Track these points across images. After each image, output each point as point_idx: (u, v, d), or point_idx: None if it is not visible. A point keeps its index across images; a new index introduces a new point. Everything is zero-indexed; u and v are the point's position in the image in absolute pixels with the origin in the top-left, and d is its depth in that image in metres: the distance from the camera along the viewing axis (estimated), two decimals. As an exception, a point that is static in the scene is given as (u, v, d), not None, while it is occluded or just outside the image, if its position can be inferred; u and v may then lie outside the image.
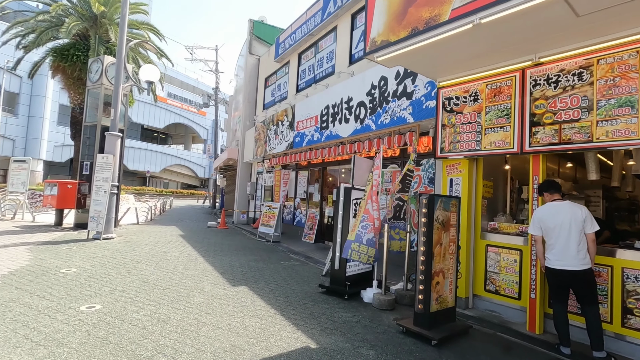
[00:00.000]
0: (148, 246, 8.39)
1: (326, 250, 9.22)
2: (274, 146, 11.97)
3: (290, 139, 10.78)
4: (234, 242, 10.03)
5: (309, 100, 10.03)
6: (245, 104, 16.49)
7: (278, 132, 11.71)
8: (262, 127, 13.40)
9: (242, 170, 16.32)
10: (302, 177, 11.78)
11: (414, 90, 6.39)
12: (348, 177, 8.86)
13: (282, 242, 10.49)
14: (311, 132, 9.66)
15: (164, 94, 48.11)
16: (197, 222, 15.72)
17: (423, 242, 4.02)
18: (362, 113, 7.70)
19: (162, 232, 11.08)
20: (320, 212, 10.62)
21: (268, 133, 12.57)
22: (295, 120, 10.58)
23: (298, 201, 11.95)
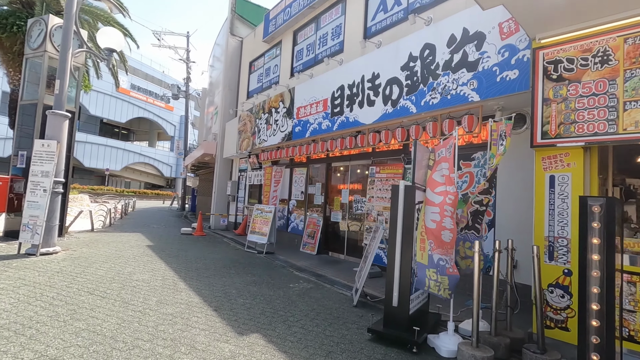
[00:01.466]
0: (105, 264, 6.24)
1: (334, 264, 7.45)
2: (265, 138, 10.06)
3: (288, 128, 8.94)
4: (219, 255, 8.01)
5: (314, 82, 8.25)
6: (225, 91, 14.39)
7: (271, 121, 9.81)
8: (248, 116, 11.43)
9: (220, 167, 14.19)
10: (299, 175, 9.95)
11: (479, 59, 4.80)
12: (359, 175, 7.15)
13: (278, 254, 8.61)
14: (318, 119, 7.88)
15: (127, 85, 44.31)
16: (167, 227, 13.40)
17: (596, 265, 2.40)
18: (394, 93, 6.04)
19: (125, 242, 8.83)
20: (324, 217, 8.84)
21: (257, 123, 10.63)
22: (295, 106, 8.75)
23: (293, 204, 10.10)
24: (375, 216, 7.19)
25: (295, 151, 8.96)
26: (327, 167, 8.95)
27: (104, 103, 41.91)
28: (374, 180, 7.33)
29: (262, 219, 8.99)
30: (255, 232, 9.01)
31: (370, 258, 4.99)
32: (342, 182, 8.65)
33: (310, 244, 8.93)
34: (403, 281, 3.70)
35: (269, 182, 10.40)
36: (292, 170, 10.33)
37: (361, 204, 7.80)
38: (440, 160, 4.12)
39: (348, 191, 8.24)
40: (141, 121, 51.10)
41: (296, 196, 9.97)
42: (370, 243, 5.20)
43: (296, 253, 8.90)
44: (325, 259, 8.27)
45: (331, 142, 7.77)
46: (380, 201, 7.13)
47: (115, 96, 42.94)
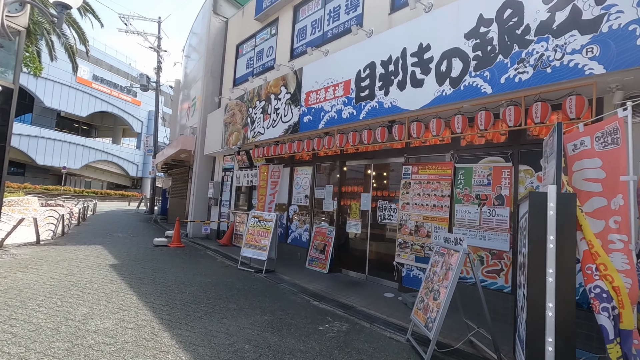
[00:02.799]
0: (48, 301, 4.33)
1: (355, 287, 5.89)
2: (261, 130, 8.33)
3: (294, 118, 7.29)
4: (208, 277, 6.22)
5: (331, 60, 6.66)
6: (207, 78, 12.47)
7: (269, 109, 8.11)
8: (238, 105, 9.64)
9: (200, 166, 12.24)
10: (303, 175, 8.31)
11: (602, 15, 3.43)
12: (387, 177, 5.62)
13: (280, 272, 6.95)
14: (336, 106, 6.30)
15: (88, 75, 40.62)
16: (135, 235, 11.28)
17: None
18: (456, 69, 4.58)
19: (81, 260, 6.81)
20: (337, 227, 7.26)
21: (250, 113, 8.88)
22: (303, 90, 7.13)
23: (294, 210, 8.44)
24: (413, 228, 5.71)
25: (302, 146, 7.33)
26: (341, 166, 7.38)
27: (61, 94, 38.00)
28: (410, 183, 5.86)
29: (260, 230, 7.27)
30: (251, 245, 7.28)
31: (447, 296, 3.47)
32: (361, 185, 7.12)
33: (319, 259, 7.32)
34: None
35: (264, 184, 8.68)
36: (292, 169, 8.67)
37: (389, 212, 6.29)
38: (580, 156, 2.68)
39: (370, 196, 6.71)
40: (104, 116, 47.18)
41: (298, 201, 8.32)
42: (443, 272, 3.70)
43: (301, 270, 7.27)
44: (340, 279, 6.70)
45: (354, 135, 6.22)
46: (420, 209, 5.65)
47: (75, 87, 39.14)
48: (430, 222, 5.51)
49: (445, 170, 5.44)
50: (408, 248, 5.75)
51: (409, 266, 5.78)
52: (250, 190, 10.10)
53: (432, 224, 5.50)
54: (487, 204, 4.91)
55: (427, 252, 5.48)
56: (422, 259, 5.55)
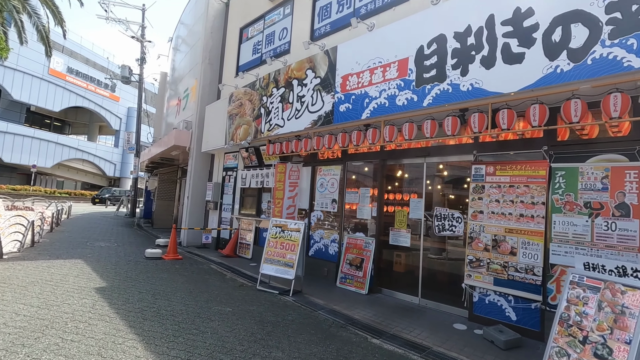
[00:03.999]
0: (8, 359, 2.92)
1: (412, 315, 4.68)
2: (279, 122, 7.03)
3: (325, 107, 6.05)
4: (227, 306, 4.85)
5: (377, 36, 5.46)
6: (204, 66, 11.03)
7: (290, 97, 6.83)
8: (247, 94, 8.30)
9: (197, 164, 10.78)
10: (329, 176, 7.06)
11: None
12: (446, 178, 4.45)
13: (307, 293, 5.69)
14: (387, 90, 5.11)
15: (62, 68, 37.91)
16: (120, 244, 9.70)
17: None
18: (576, 37, 3.49)
19: (57, 282, 5.32)
20: (377, 238, 6.06)
21: (265, 102, 7.56)
22: (338, 74, 5.90)
23: (318, 216, 7.18)
24: (490, 242, 4.58)
25: (336, 141, 6.10)
26: (382, 165, 6.17)
27: (31, 87, 35.16)
28: (484, 187, 4.73)
29: (284, 242, 5.97)
30: (272, 260, 5.97)
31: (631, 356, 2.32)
32: (410, 188, 5.95)
33: (354, 277, 6.09)
34: None
35: (281, 186, 7.38)
36: (314, 169, 7.42)
37: (451, 222, 5.14)
38: None
39: (423, 202, 5.55)
40: (79, 111, 44.27)
41: (323, 206, 7.07)
42: (609, 318, 2.55)
43: (332, 290, 6.04)
44: (386, 302, 5.49)
45: (410, 126, 5.05)
46: (500, 219, 4.53)
47: (47, 80, 36.38)
48: (516, 235, 4.39)
49: (536, 171, 4.33)
50: (483, 267, 4.62)
51: (484, 290, 4.64)
52: (260, 192, 8.76)
53: (518, 238, 4.38)
54: (603, 215, 3.82)
55: (513, 273, 4.36)
56: (504, 283, 4.42)
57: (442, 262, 5.42)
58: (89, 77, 41.22)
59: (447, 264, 5.32)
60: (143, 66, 22.79)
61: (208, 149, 10.12)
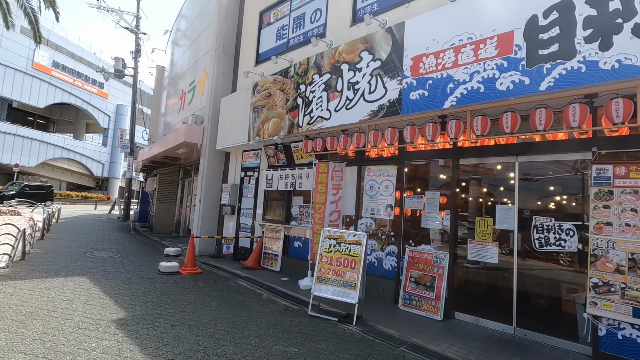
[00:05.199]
0: None
1: (513, 348, 3.68)
2: (324, 114, 5.98)
3: (388, 95, 5.05)
4: (291, 345, 3.77)
5: (461, 7, 4.48)
6: (217, 54, 9.89)
7: (339, 85, 5.79)
8: (277, 82, 7.22)
9: (210, 164, 9.63)
10: (381, 177, 6.04)
11: None
12: (548, 182, 3.57)
13: (368, 318, 4.66)
14: (482, 72, 4.14)
15: (48, 62, 35.97)
16: (124, 254, 8.47)
17: None
18: None
19: (62, 312, 4.16)
20: (452, 252, 5.08)
21: (304, 91, 6.49)
22: (407, 55, 4.90)
23: (368, 224, 6.16)
24: (625, 262, 3.64)
25: (403, 135, 5.10)
26: (455, 165, 5.19)
27: (14, 81, 33.14)
28: (612, 193, 3.79)
29: (342, 257, 4.93)
30: (327, 280, 4.92)
31: None
32: (494, 192, 4.99)
33: (423, 298, 5.09)
34: None
35: (323, 189, 6.33)
36: (360, 169, 6.40)
37: (559, 235, 4.19)
38: None
39: (515, 209, 4.59)
40: (64, 108, 42.25)
41: (375, 212, 6.05)
42: None
43: (395, 314, 5.04)
44: (472, 332, 4.51)
45: (513, 117, 4.09)
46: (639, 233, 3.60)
47: (31, 74, 34.39)
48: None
49: (695, 173, 3.41)
50: (615, 294, 3.67)
51: (617, 323, 3.70)
52: (289, 196, 7.69)
53: (669, 258, 3.45)
54: None
55: (664, 303, 3.42)
56: None
57: (543, 284, 4.48)
58: (76, 72, 39.29)
59: (551, 285, 4.38)
60: (138, 59, 21.40)
61: (224, 146, 8.99)
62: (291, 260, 7.41)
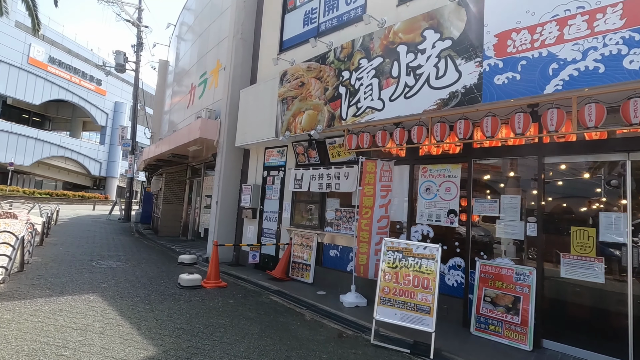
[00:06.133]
0: None
1: None
2: (375, 105, 5.14)
3: (462, 80, 4.23)
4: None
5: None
6: (235, 42, 9.02)
7: (394, 70, 4.95)
8: (311, 70, 6.37)
9: (227, 162, 8.76)
10: (440, 178, 5.21)
11: None
12: None
13: (446, 350, 3.83)
14: (601, 48, 3.33)
15: (44, 57, 34.86)
16: (135, 263, 7.58)
17: None
18: None
19: (74, 345, 3.29)
20: (539, 269, 4.25)
21: (347, 79, 5.64)
22: (488, 31, 4.08)
23: (424, 232, 5.33)
24: None
25: (470, 129, 4.28)
26: (540, 164, 4.37)
27: (9, 77, 31.98)
28: None
29: (409, 274, 4.10)
30: (393, 302, 4.08)
31: None
32: (595, 195, 4.17)
33: (503, 323, 4.27)
34: None
35: (371, 191, 5.49)
36: (413, 168, 5.57)
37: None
38: None
39: (628, 217, 3.77)
40: (61, 105, 41.10)
41: (432, 218, 5.22)
42: None
43: (469, 340, 4.23)
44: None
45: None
46: None
47: (27, 69, 33.27)
48: None
49: None
50: None
51: None
52: (322, 198, 6.84)
53: None
54: None
55: None
56: None
57: (667, 309, 3.67)
58: (73, 68, 38.16)
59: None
60: (140, 53, 20.45)
61: (245, 142, 8.12)
62: (326, 271, 6.58)
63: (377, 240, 5.45)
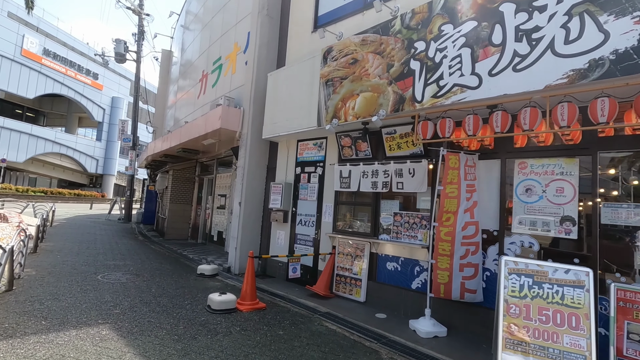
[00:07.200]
0: None
1: None
2: (466, 81, 4.00)
3: (610, 43, 3.13)
4: None
5: None
6: (260, 20, 7.83)
7: (496, 36, 3.81)
8: (366, 44, 5.22)
9: (253, 157, 7.59)
10: (546, 176, 4.08)
11: None
12: None
13: None
14: None
15: (38, 49, 33.42)
16: (148, 274, 6.41)
17: None
18: None
19: None
20: None
21: (422, 51, 4.49)
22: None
23: (522, 244, 4.20)
24: None
25: (604, 109, 3.17)
26: None
27: (1, 69, 30.52)
28: None
29: (547, 307, 2.98)
30: (525, 347, 2.96)
31: None
32: None
33: (663, 370, 3.16)
34: None
35: (454, 191, 4.36)
36: (504, 163, 4.45)
37: None
38: None
39: None
40: (55, 100, 39.66)
41: (538, 227, 4.10)
42: None
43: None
44: None
45: None
46: None
47: (20, 62, 31.84)
48: None
49: None
50: None
51: None
52: (376, 200, 5.70)
53: None
54: None
55: None
56: None
57: None
58: (69, 61, 36.72)
59: None
60: (141, 42, 19.17)
61: (275, 134, 6.96)
62: (381, 287, 5.46)
63: (462, 253, 4.34)
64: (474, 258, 4.38)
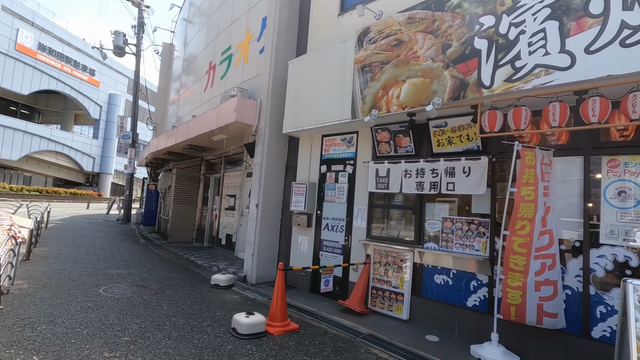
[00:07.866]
0: None
1: None
2: (551, 61, 3.31)
3: None
4: None
5: None
6: (279, 4, 7.08)
7: (595, 5, 3.14)
8: (414, 22, 4.50)
9: (270, 153, 6.84)
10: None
11: None
12: None
13: None
14: None
15: (33, 44, 32.39)
16: (157, 286, 5.66)
17: None
18: None
19: None
20: None
21: (486, 27, 3.78)
22: None
23: (613, 259, 3.50)
24: None
25: None
26: None
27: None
28: None
29: None
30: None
31: None
32: None
33: None
34: None
35: (531, 194, 3.64)
36: (588, 161, 3.74)
37: None
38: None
39: None
40: (51, 97, 38.58)
41: (635, 238, 3.40)
42: None
43: None
44: None
45: None
46: None
47: (14, 57, 30.81)
48: None
49: None
50: None
51: None
52: (420, 203, 4.98)
53: None
54: None
55: None
56: None
57: None
58: (65, 56, 35.69)
59: None
60: (141, 35, 18.34)
61: (299, 127, 6.22)
62: (428, 303, 4.74)
63: (538, 268, 3.62)
64: (551, 274, 3.67)
